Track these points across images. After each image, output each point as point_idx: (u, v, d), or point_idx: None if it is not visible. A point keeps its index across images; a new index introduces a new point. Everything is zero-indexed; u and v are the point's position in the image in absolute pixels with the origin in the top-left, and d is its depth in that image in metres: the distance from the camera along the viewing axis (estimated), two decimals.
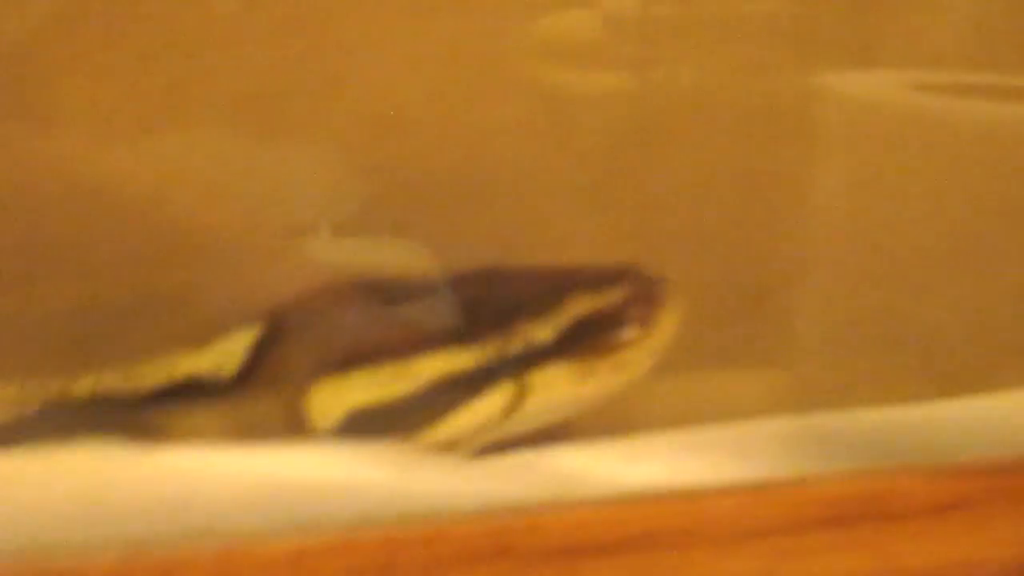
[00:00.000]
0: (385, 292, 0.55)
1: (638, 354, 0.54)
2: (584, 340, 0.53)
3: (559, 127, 0.63)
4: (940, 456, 0.49)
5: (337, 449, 0.47)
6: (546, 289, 0.54)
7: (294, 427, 0.52)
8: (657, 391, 0.55)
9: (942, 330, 0.64)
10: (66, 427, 0.51)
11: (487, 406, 0.53)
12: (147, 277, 0.58)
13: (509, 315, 0.53)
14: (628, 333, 0.54)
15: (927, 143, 0.64)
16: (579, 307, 0.54)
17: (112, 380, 0.54)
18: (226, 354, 0.54)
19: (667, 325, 0.54)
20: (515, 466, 0.47)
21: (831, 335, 0.65)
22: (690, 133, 0.64)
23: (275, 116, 0.59)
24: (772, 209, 0.65)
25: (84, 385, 0.54)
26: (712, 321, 0.55)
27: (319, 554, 0.42)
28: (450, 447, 0.52)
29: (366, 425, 0.52)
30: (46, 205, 0.57)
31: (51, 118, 0.57)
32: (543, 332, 0.53)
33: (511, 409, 0.53)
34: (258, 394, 0.53)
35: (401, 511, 0.44)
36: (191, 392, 0.53)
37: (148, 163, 0.57)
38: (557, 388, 0.53)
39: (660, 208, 0.62)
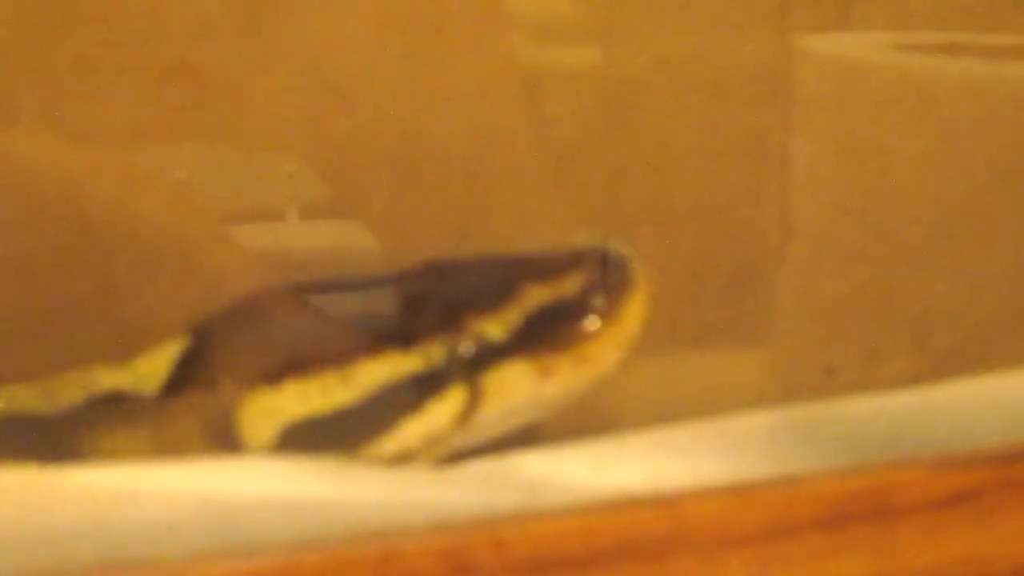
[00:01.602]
0: (319, 295, 0.51)
1: (603, 347, 0.50)
2: (541, 334, 0.49)
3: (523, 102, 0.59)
4: (941, 446, 0.45)
5: (274, 465, 0.43)
6: (497, 280, 0.50)
7: (225, 446, 0.48)
8: (629, 379, 0.51)
9: (936, 306, 0.60)
10: None
11: (437, 413, 0.48)
12: (65, 278, 0.54)
13: (456, 311, 0.49)
14: (590, 324, 0.50)
15: (912, 105, 0.61)
16: (534, 298, 0.49)
17: (27, 397, 0.50)
18: (150, 369, 0.49)
19: (635, 313, 0.50)
20: (474, 475, 0.43)
21: (815, 314, 0.61)
22: (664, 105, 0.61)
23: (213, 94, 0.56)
24: (751, 181, 0.61)
25: None
26: (688, 303, 0.51)
27: None
28: (401, 461, 0.48)
29: (305, 441, 0.48)
30: None
31: None
32: (495, 328, 0.49)
33: (465, 415, 0.49)
34: (184, 410, 0.49)
35: (347, 529, 0.40)
36: (112, 408, 0.49)
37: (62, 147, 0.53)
38: (515, 389, 0.49)
39: (631, 185, 0.59)
